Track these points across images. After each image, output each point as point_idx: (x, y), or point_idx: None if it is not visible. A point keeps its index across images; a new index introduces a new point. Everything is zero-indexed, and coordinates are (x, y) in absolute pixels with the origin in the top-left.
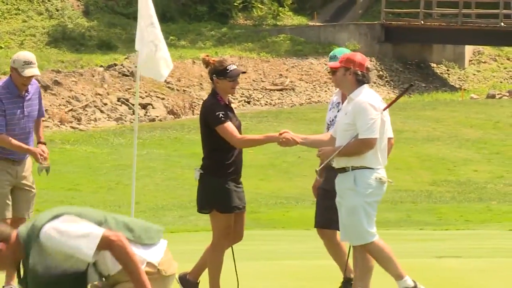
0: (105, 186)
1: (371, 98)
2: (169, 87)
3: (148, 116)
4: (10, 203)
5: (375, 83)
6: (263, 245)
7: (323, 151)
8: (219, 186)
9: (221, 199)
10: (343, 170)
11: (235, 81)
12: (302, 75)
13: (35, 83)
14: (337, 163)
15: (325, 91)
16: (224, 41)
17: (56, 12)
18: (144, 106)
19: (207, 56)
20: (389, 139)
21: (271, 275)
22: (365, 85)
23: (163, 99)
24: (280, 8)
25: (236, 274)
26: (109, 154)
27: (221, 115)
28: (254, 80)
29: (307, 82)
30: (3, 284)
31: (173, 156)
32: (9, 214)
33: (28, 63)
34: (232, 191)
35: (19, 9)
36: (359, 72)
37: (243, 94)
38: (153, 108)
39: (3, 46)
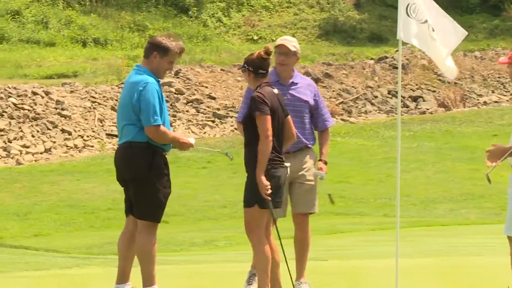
0: (375, 178)
1: None
2: (440, 80)
3: (419, 108)
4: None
5: None
6: None
7: (490, 152)
8: None
9: None
10: None
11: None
12: None
13: (309, 82)
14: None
15: None
16: (496, 33)
17: (327, 5)
18: (414, 99)
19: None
20: None
21: None
22: None
23: (434, 91)
24: None
25: None
26: (379, 147)
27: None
28: None
29: None
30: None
31: (444, 149)
32: (280, 214)
33: (283, 39)
34: None
35: (290, 2)
36: None
37: None
38: (423, 100)
39: (274, 39)
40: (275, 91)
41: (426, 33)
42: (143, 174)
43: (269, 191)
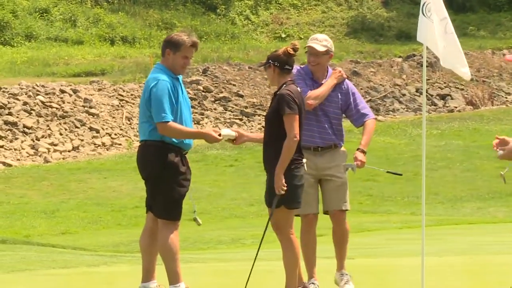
0: (402, 176)
1: None
2: None
3: (447, 107)
4: (312, 197)
5: None
6: None
7: (506, 150)
8: None
9: None
10: None
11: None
12: None
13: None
14: None
15: None
16: None
17: (355, 3)
18: (442, 97)
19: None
20: None
21: None
22: None
23: (462, 89)
24: None
25: None
26: (407, 145)
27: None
28: None
29: None
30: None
31: (472, 147)
32: (311, 210)
33: (312, 39)
34: None
35: (318, 0)
36: None
37: None
38: (451, 99)
39: (302, 37)
40: (299, 89)
41: (441, 31)
42: (157, 172)
43: (284, 190)
